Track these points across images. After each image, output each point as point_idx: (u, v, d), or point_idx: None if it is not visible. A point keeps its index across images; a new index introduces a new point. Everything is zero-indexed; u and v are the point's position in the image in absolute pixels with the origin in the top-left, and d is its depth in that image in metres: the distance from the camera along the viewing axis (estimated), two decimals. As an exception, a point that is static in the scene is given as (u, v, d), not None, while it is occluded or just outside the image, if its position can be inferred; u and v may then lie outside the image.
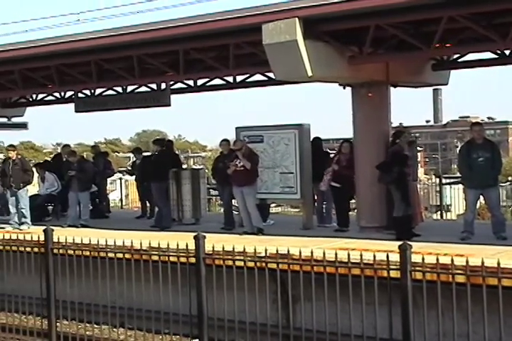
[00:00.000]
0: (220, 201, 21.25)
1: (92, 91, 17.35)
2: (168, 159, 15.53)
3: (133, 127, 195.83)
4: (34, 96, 19.86)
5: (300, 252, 7.15)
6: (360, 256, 6.73)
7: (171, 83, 16.45)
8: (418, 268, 6.47)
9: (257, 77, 15.99)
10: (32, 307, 9.84)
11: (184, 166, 21.44)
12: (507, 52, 12.77)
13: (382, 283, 6.70)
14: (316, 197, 14.54)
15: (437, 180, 23.09)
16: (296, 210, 26.45)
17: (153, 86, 16.60)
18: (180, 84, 17.18)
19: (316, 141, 14.41)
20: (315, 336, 7.16)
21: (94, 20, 18.96)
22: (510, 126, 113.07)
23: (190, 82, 16.94)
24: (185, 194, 15.43)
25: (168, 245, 8.03)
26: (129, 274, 8.37)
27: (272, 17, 11.48)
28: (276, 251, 7.45)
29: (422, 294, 6.45)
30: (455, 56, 13.54)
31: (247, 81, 16.34)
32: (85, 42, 13.88)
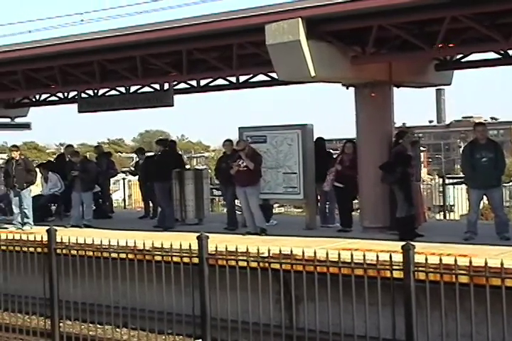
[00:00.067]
0: (223, 201, 21.26)
1: (95, 91, 17.36)
2: (171, 159, 15.54)
3: (136, 127, 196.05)
4: (37, 96, 19.88)
5: (303, 252, 7.14)
6: (363, 256, 6.73)
7: (174, 83, 16.46)
8: (421, 269, 6.46)
9: (260, 78, 16.00)
10: (35, 308, 9.85)
11: (187, 166, 21.43)
12: (510, 52, 12.76)
13: (386, 284, 6.70)
14: (319, 198, 14.53)
15: (440, 180, 23.08)
16: (299, 210, 26.47)
17: (157, 86, 16.60)
18: (184, 85, 17.19)
19: (319, 141, 14.41)
20: (318, 336, 7.16)
21: (99, 20, 18.91)
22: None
23: (194, 83, 16.95)
24: (188, 194, 15.43)
25: (171, 245, 8.03)
26: (132, 274, 8.37)
27: (275, 17, 11.48)
28: (279, 251, 7.45)
29: (425, 294, 6.44)
30: (458, 56, 13.53)
31: (250, 81, 16.34)
32: (88, 42, 13.88)
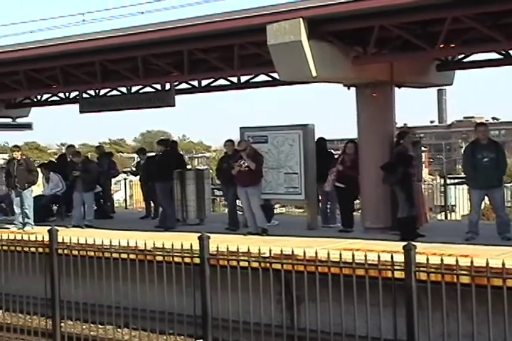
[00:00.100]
0: (224, 201, 21.26)
1: (96, 91, 17.36)
2: (172, 159, 15.54)
3: (137, 127, 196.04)
4: (39, 96, 19.89)
5: (304, 253, 7.15)
6: (365, 256, 6.73)
7: (176, 83, 16.45)
8: (422, 269, 6.47)
9: (262, 78, 16.00)
10: (36, 308, 9.86)
11: (188, 167, 21.44)
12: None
13: (387, 284, 6.70)
14: (320, 198, 14.53)
15: (442, 180, 23.09)
16: (300, 211, 26.47)
17: (158, 86, 16.59)
18: (185, 85, 17.19)
19: (320, 141, 14.40)
20: (319, 336, 7.16)
21: (102, 20, 18.96)
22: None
23: (195, 83, 16.96)
24: (190, 194, 15.43)
25: (172, 245, 8.04)
26: (133, 275, 8.37)
27: (277, 17, 11.47)
28: (281, 251, 7.44)
29: (426, 295, 6.45)
30: (460, 56, 13.52)
31: (252, 81, 16.34)
32: (89, 42, 13.88)
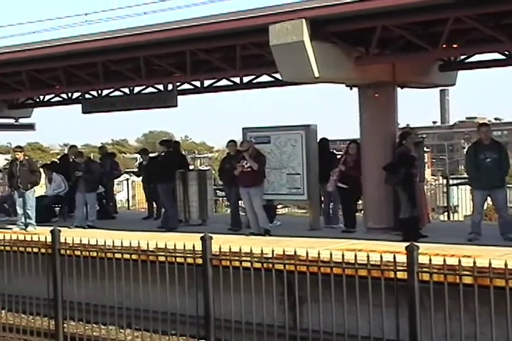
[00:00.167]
0: (226, 202, 21.26)
1: (99, 92, 17.38)
2: (174, 160, 15.54)
3: (140, 128, 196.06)
4: (41, 97, 19.91)
5: (307, 253, 7.15)
6: (367, 257, 6.73)
7: (178, 84, 16.46)
8: (425, 270, 6.45)
9: (264, 78, 16.01)
10: (39, 308, 9.86)
11: (191, 167, 21.45)
12: (514, 52, 12.74)
13: (389, 284, 6.70)
14: (322, 198, 14.53)
15: (444, 181, 23.04)
16: (302, 211, 26.41)
17: (160, 87, 16.61)
18: (187, 85, 17.20)
19: (322, 141, 14.40)
20: (322, 337, 7.16)
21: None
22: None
23: (197, 83, 16.97)
24: (192, 195, 15.44)
25: (174, 246, 8.04)
26: (135, 275, 8.38)
27: (279, 18, 11.47)
28: (283, 252, 7.44)
29: (429, 295, 6.44)
30: (462, 57, 13.52)
31: (254, 82, 16.35)
32: (91, 43, 13.88)
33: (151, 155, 18.32)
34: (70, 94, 18.82)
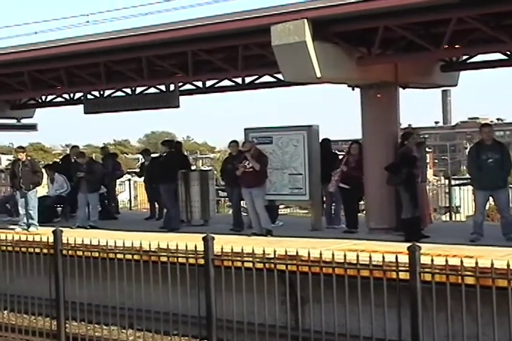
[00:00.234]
0: (228, 202, 21.25)
1: (101, 92, 17.38)
2: (176, 160, 15.55)
3: (142, 128, 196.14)
4: (43, 97, 19.93)
5: (309, 253, 7.14)
6: (369, 257, 6.72)
7: (180, 84, 16.46)
8: (427, 270, 6.45)
9: (266, 79, 16.00)
10: (41, 308, 9.87)
11: (193, 167, 21.46)
12: (516, 53, 12.74)
13: (391, 285, 6.69)
14: (324, 199, 14.53)
15: (446, 181, 23.02)
16: (304, 211, 26.39)
17: (162, 87, 16.61)
18: (189, 86, 17.20)
19: (324, 142, 14.40)
20: (324, 337, 7.15)
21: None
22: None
23: (199, 84, 16.97)
24: (194, 195, 15.43)
25: (176, 246, 8.04)
26: (137, 275, 8.38)
27: (281, 18, 11.47)
28: (285, 252, 7.44)
29: (431, 296, 6.43)
30: (464, 57, 13.51)
31: (256, 82, 16.35)
32: (93, 43, 13.88)
33: (153, 155, 18.31)
34: (72, 95, 18.83)
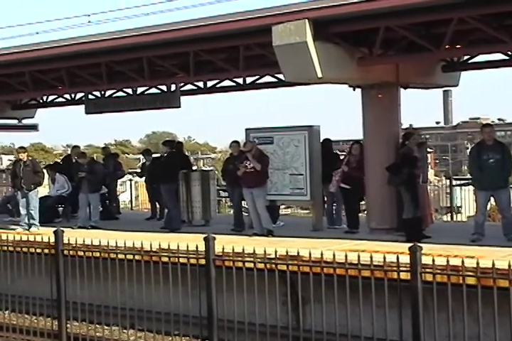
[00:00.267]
0: (229, 202, 21.25)
1: (102, 92, 17.39)
2: (177, 161, 15.55)
3: (143, 129, 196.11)
4: (44, 97, 19.94)
5: (310, 254, 7.14)
6: (370, 257, 6.72)
7: (181, 85, 16.47)
8: (428, 270, 6.45)
9: (267, 79, 16.00)
10: (42, 309, 9.88)
11: (194, 168, 21.45)
12: (517, 53, 12.73)
13: (393, 285, 6.69)
14: (325, 199, 14.53)
15: (447, 181, 23.00)
16: (305, 212, 26.42)
17: (164, 87, 16.62)
18: (190, 86, 17.21)
19: (325, 142, 14.40)
20: (325, 338, 7.15)
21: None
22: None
23: (200, 84, 16.97)
24: (195, 195, 15.43)
25: (177, 246, 8.04)
26: (139, 276, 8.38)
27: (282, 18, 11.47)
28: (286, 252, 7.44)
29: (432, 296, 6.43)
30: (465, 57, 13.51)
31: (257, 82, 16.35)
32: (95, 44, 13.90)
33: (154, 155, 18.32)
34: (73, 95, 18.82)
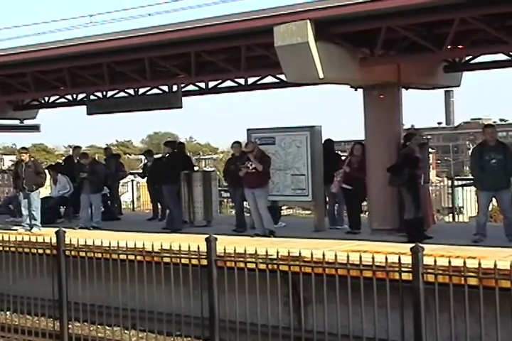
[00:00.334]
0: (231, 203, 21.27)
1: (103, 93, 17.39)
2: (179, 161, 15.54)
3: (144, 129, 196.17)
4: (46, 98, 19.95)
5: (312, 254, 7.14)
6: (372, 258, 6.72)
7: (183, 85, 16.46)
8: (430, 271, 6.45)
9: (269, 79, 16.00)
10: (44, 309, 9.87)
11: (196, 168, 21.45)
12: (519, 53, 12.72)
13: (394, 286, 6.68)
14: (327, 199, 14.52)
15: (449, 182, 23.00)
16: (307, 212, 26.41)
17: (165, 88, 16.62)
18: (192, 86, 17.21)
19: (327, 143, 14.40)
20: (327, 338, 7.16)
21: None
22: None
23: (202, 84, 16.97)
24: (197, 196, 15.43)
25: (179, 247, 8.04)
26: (140, 276, 8.38)
27: (284, 19, 11.47)
28: (288, 253, 7.44)
29: (434, 297, 6.43)
30: (467, 58, 13.50)
31: (259, 83, 16.35)
32: (97, 44, 13.90)
33: (155, 156, 18.33)
34: (74, 96, 18.84)
